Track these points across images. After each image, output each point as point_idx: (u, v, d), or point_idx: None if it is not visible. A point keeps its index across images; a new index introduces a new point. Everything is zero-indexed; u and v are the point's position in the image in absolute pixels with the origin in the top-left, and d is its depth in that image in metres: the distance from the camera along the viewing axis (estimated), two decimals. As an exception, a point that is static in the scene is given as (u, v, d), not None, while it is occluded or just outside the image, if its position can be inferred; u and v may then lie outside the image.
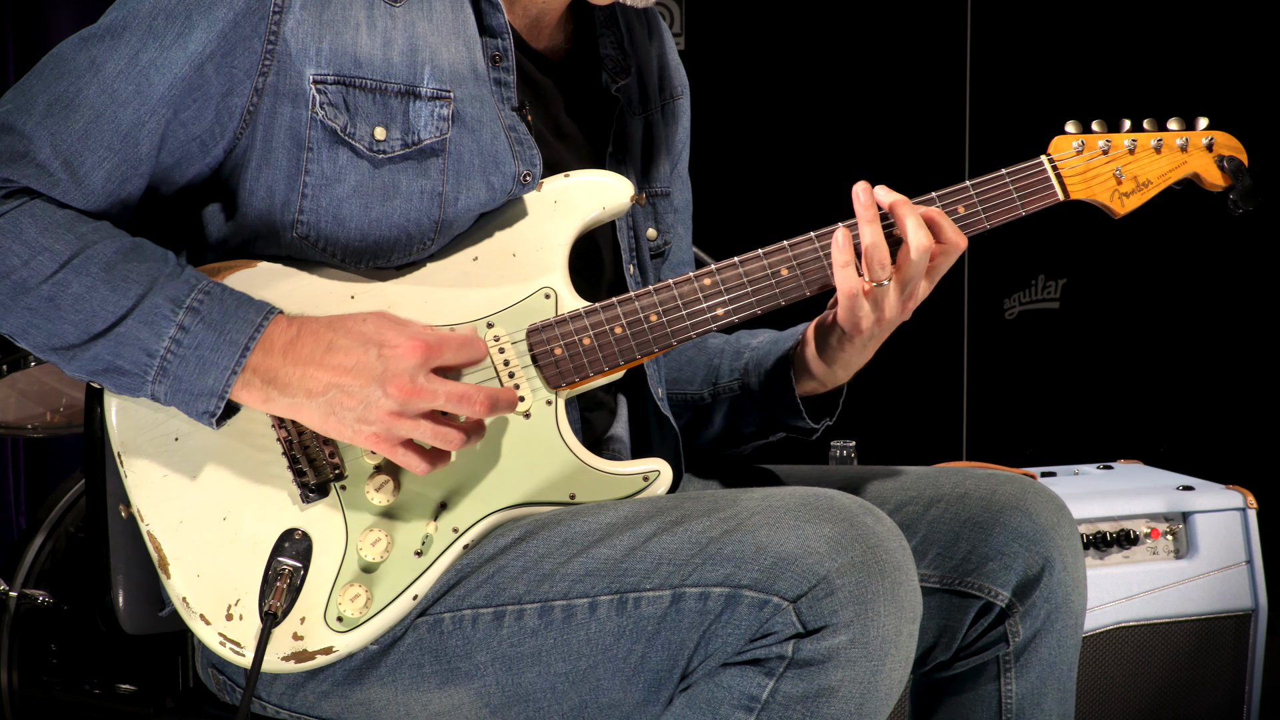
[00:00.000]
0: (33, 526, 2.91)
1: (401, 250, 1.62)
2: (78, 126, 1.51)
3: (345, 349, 1.49)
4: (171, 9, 1.53)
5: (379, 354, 1.49)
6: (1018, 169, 1.79)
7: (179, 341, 1.48)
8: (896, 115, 3.96)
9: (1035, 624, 1.75)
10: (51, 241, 1.48)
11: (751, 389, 1.90)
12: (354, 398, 1.49)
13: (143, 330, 1.48)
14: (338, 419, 1.50)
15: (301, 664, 1.54)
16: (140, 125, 1.53)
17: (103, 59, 1.53)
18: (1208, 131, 1.86)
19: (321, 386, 1.49)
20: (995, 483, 1.79)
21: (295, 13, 1.55)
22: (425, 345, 1.50)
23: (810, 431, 1.88)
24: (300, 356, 1.50)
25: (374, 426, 1.50)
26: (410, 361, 1.49)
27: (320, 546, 1.56)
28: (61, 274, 1.48)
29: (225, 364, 1.49)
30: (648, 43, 1.90)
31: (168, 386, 1.49)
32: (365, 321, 1.51)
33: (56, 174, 1.51)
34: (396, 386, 1.48)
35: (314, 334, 1.51)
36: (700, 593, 1.47)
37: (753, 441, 1.96)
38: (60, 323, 1.48)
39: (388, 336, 1.50)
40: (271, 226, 1.59)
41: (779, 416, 1.88)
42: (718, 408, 1.94)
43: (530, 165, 1.67)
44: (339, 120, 1.57)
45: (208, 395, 1.49)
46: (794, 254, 1.71)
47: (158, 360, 1.48)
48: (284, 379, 1.49)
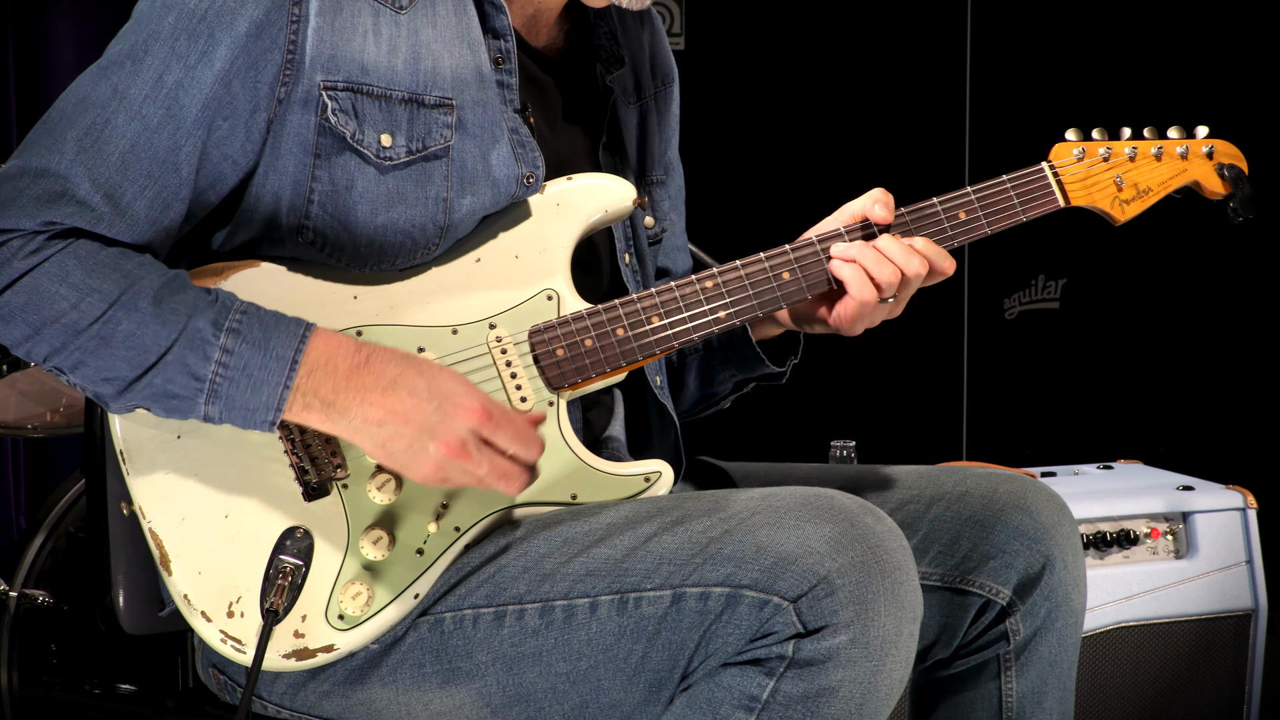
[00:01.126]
0: (33, 526, 2.90)
1: (406, 254, 1.62)
2: (114, 158, 1.49)
3: (410, 389, 1.50)
4: (192, 28, 1.51)
5: (438, 407, 1.49)
6: (1019, 175, 1.79)
7: (224, 364, 1.47)
8: (897, 117, 3.96)
9: (1036, 622, 1.75)
10: (99, 282, 1.47)
11: (713, 346, 1.92)
12: (403, 441, 1.49)
13: (189, 355, 1.47)
14: (387, 453, 1.51)
15: (303, 662, 1.54)
16: (177, 149, 1.52)
17: (125, 86, 1.51)
18: (1208, 140, 1.87)
19: (376, 419, 1.49)
20: (996, 481, 1.80)
21: (312, 20, 1.54)
22: (486, 413, 1.50)
23: (779, 376, 1.90)
24: (363, 383, 1.50)
25: (419, 471, 1.51)
26: (466, 425, 1.49)
27: (322, 545, 1.56)
28: (111, 312, 1.46)
29: (276, 379, 1.48)
30: (639, 32, 1.91)
31: (221, 406, 1.49)
32: (440, 372, 1.52)
33: (99, 208, 1.49)
34: (445, 445, 1.49)
35: (382, 363, 1.51)
36: (701, 593, 1.47)
37: (728, 397, 1.98)
38: (112, 359, 1.47)
39: (454, 392, 1.51)
40: (278, 230, 1.59)
41: (745, 368, 1.90)
42: (688, 369, 1.96)
43: (533, 167, 1.67)
44: (348, 127, 1.57)
45: (263, 410, 1.49)
46: (795, 257, 1.71)
47: (206, 384, 1.48)
48: (344, 402, 1.49)
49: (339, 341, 1.51)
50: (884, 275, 1.71)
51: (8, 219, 1.46)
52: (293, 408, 1.49)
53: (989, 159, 3.94)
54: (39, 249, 1.46)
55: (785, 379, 1.92)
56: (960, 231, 1.77)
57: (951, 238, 1.78)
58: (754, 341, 1.86)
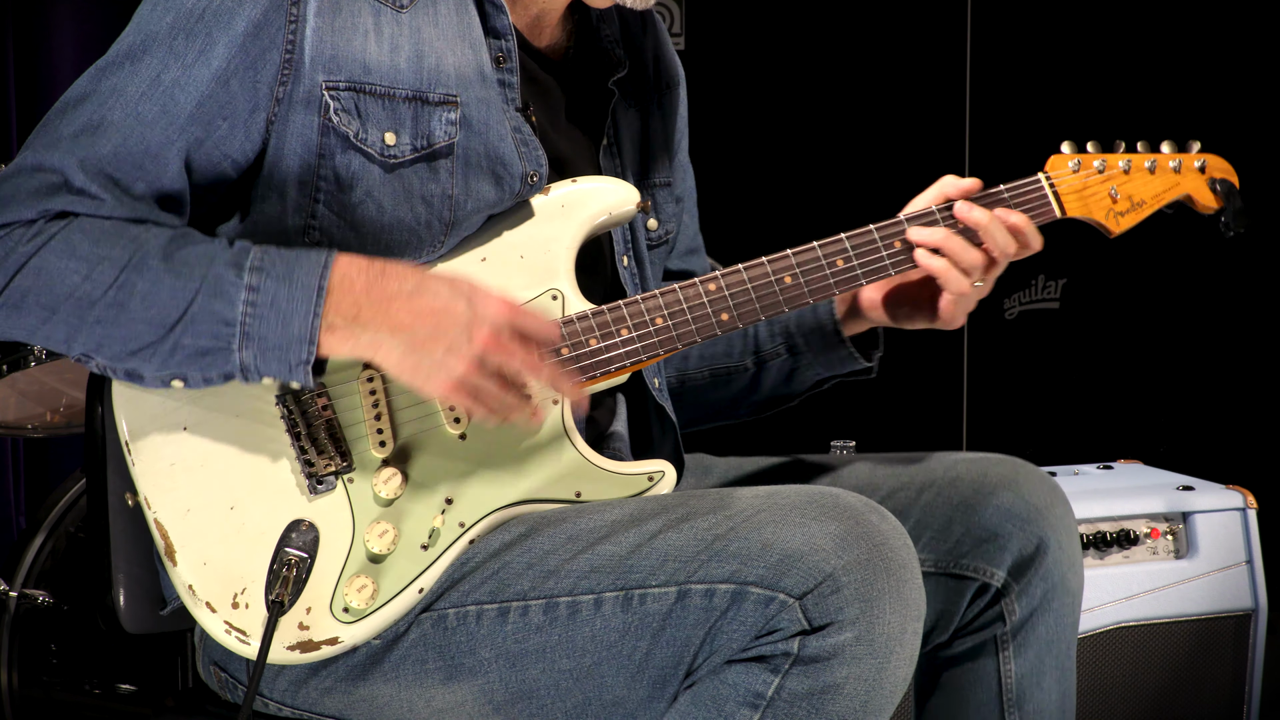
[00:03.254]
0: (33, 526, 2.90)
1: (412, 252, 1.62)
2: (106, 150, 1.50)
3: (434, 292, 1.50)
4: (191, 27, 1.52)
5: (469, 302, 1.50)
6: (1016, 186, 1.81)
7: (252, 302, 1.47)
8: (897, 118, 3.96)
9: (1032, 603, 1.76)
10: (108, 249, 1.47)
11: (798, 349, 1.92)
12: (439, 340, 1.49)
13: (215, 302, 1.47)
14: (416, 358, 1.49)
15: (307, 654, 1.54)
16: (169, 145, 1.52)
17: (124, 84, 1.52)
18: (1201, 154, 1.89)
19: (406, 324, 1.48)
20: (986, 464, 1.81)
21: (310, 20, 1.55)
22: (512, 305, 1.52)
23: (868, 371, 1.93)
24: (386, 292, 1.49)
25: (453, 372, 1.49)
26: (499, 315, 1.50)
27: (327, 537, 1.56)
28: (123, 276, 1.46)
29: (305, 309, 1.47)
30: (643, 36, 1.92)
31: (254, 349, 1.48)
32: (455, 277, 1.53)
33: (97, 194, 1.49)
34: (481, 336, 1.49)
35: (400, 273, 1.50)
36: (706, 589, 1.47)
37: (801, 396, 1.99)
38: (133, 325, 1.47)
39: (478, 289, 1.52)
40: (283, 231, 1.59)
41: (835, 365, 1.92)
42: (765, 373, 1.96)
43: (536, 165, 1.68)
44: (351, 126, 1.57)
45: (298, 343, 1.47)
46: (797, 262, 1.72)
47: (238, 326, 1.47)
48: (366, 314, 1.48)
49: (352, 260, 1.50)
50: (970, 259, 1.75)
51: (7, 213, 1.48)
52: (325, 336, 1.48)
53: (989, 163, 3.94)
54: (39, 232, 1.47)
55: (874, 374, 1.93)
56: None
57: None
58: (848, 340, 1.87)
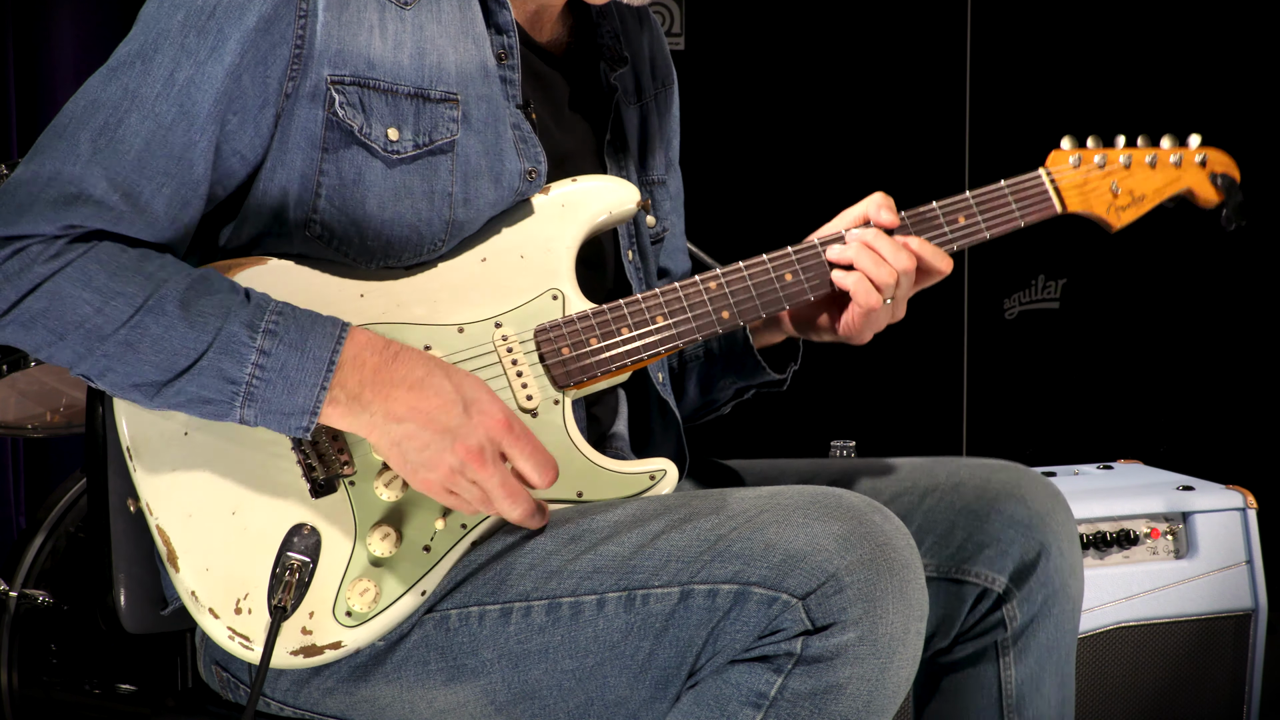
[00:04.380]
0: (33, 526, 2.90)
1: (413, 250, 1.62)
2: (129, 157, 1.49)
3: (437, 390, 1.49)
4: (201, 24, 1.52)
5: (464, 410, 1.49)
6: (1017, 181, 1.81)
7: (261, 366, 1.47)
8: (897, 118, 3.97)
9: (1033, 609, 1.77)
10: (124, 285, 1.46)
11: (714, 353, 1.93)
12: (421, 440, 1.49)
13: (224, 360, 1.47)
14: (400, 452, 1.50)
15: (310, 658, 1.54)
16: (192, 146, 1.52)
17: (136, 85, 1.51)
18: (1201, 149, 1.89)
19: (401, 414, 1.49)
20: (989, 471, 1.82)
21: (320, 15, 1.55)
22: (509, 425, 1.51)
23: (779, 383, 1.91)
24: (393, 378, 1.49)
25: (431, 473, 1.50)
26: (488, 434, 1.50)
27: (329, 541, 1.56)
28: (137, 317, 1.46)
29: (313, 380, 1.48)
30: (639, 33, 1.92)
31: (256, 410, 1.48)
32: (466, 377, 1.52)
33: (118, 207, 1.48)
34: (465, 449, 1.49)
35: (410, 361, 1.50)
36: (709, 590, 1.47)
37: (728, 404, 1.99)
38: (140, 364, 1.47)
39: (481, 399, 1.51)
40: (285, 225, 1.59)
41: (745, 375, 1.91)
42: (688, 376, 1.97)
43: (535, 163, 1.68)
44: (356, 121, 1.57)
45: (299, 414, 1.48)
46: (797, 259, 1.72)
47: (243, 387, 1.47)
48: (369, 396, 1.49)
49: (368, 338, 1.51)
50: (883, 276, 1.72)
51: (26, 224, 1.46)
52: (326, 408, 1.49)
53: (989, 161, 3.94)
54: (59, 253, 1.46)
55: (786, 386, 1.93)
56: (959, 236, 1.79)
57: (951, 241, 1.79)
58: (755, 349, 1.86)
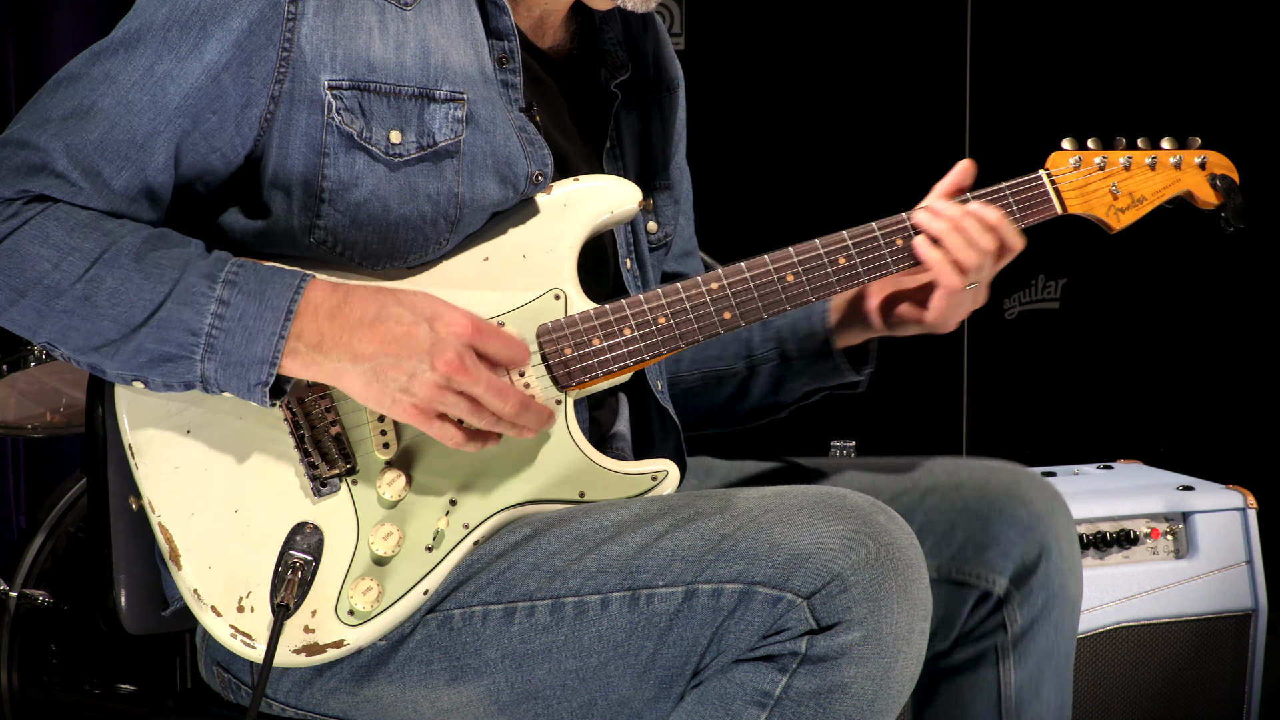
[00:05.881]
0: (33, 526, 2.90)
1: (417, 251, 1.62)
2: (93, 136, 1.51)
3: (397, 318, 1.50)
4: (186, 20, 1.53)
5: (430, 327, 1.50)
6: (1017, 183, 1.81)
7: (221, 316, 1.48)
8: (897, 118, 3.96)
9: (1033, 611, 1.77)
10: (80, 241, 1.48)
11: (789, 355, 1.92)
12: (400, 368, 1.49)
13: (183, 311, 1.48)
14: (380, 386, 1.50)
15: (312, 657, 1.54)
16: (155, 135, 1.53)
17: (117, 71, 1.53)
18: (1201, 151, 1.89)
19: (369, 353, 1.49)
20: (989, 472, 1.82)
21: (309, 19, 1.55)
22: (476, 326, 1.52)
23: (856, 385, 1.91)
24: (348, 320, 1.50)
25: (415, 398, 1.50)
26: (461, 339, 1.50)
27: (331, 540, 1.56)
28: (93, 270, 1.48)
29: (271, 330, 1.48)
30: (644, 38, 1.92)
31: (217, 362, 1.49)
32: (418, 296, 1.53)
33: (77, 182, 1.51)
34: (444, 362, 1.49)
35: (363, 300, 1.51)
36: (713, 589, 1.47)
37: (790, 407, 1.98)
38: (98, 320, 1.48)
39: (440, 311, 1.52)
40: (289, 232, 1.59)
41: (823, 377, 1.91)
42: (755, 378, 1.95)
43: (542, 165, 1.68)
44: (355, 125, 1.57)
45: (258, 364, 1.49)
46: (799, 259, 1.72)
47: (203, 338, 1.48)
48: (329, 343, 1.50)
49: (322, 284, 1.52)
50: (969, 258, 1.73)
51: None
52: (286, 360, 1.49)
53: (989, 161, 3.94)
54: (16, 213, 1.49)
55: (861, 388, 1.92)
56: None
57: None
58: (838, 351, 1.86)
